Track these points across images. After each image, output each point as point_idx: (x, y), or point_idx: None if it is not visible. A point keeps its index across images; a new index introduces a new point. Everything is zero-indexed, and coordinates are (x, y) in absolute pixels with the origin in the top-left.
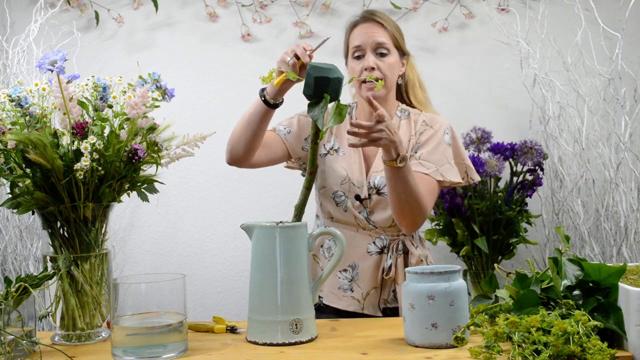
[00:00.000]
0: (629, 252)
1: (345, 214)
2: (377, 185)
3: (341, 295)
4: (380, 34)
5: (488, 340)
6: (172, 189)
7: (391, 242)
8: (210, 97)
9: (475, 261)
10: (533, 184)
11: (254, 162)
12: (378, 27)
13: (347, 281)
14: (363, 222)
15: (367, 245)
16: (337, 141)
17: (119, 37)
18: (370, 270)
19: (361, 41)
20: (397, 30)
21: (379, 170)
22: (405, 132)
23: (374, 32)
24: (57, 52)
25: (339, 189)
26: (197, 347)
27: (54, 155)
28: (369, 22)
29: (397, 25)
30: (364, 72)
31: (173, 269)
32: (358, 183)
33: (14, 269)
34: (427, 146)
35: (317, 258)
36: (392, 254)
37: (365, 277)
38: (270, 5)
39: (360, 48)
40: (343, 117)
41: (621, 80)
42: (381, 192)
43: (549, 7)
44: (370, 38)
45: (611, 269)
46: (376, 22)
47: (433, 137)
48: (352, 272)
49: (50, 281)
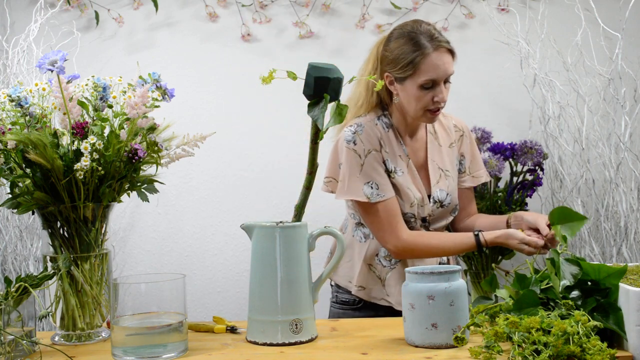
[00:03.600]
0: (629, 252)
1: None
2: (440, 198)
3: None
4: (451, 64)
5: (488, 340)
6: (172, 189)
7: None
8: (210, 97)
9: (475, 261)
10: (533, 184)
11: None
12: (449, 56)
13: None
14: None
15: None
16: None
17: (119, 37)
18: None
19: (437, 75)
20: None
21: (435, 184)
22: (445, 140)
23: (448, 64)
24: (57, 52)
25: (409, 211)
26: (197, 347)
27: (54, 155)
28: (445, 52)
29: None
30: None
31: (173, 269)
32: (420, 201)
33: (14, 269)
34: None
35: (373, 267)
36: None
37: None
38: (270, 5)
39: (435, 81)
40: (343, 117)
41: (621, 80)
42: (444, 204)
43: (549, 7)
44: (447, 71)
45: (611, 269)
46: (449, 51)
47: (471, 144)
48: None
49: (50, 281)
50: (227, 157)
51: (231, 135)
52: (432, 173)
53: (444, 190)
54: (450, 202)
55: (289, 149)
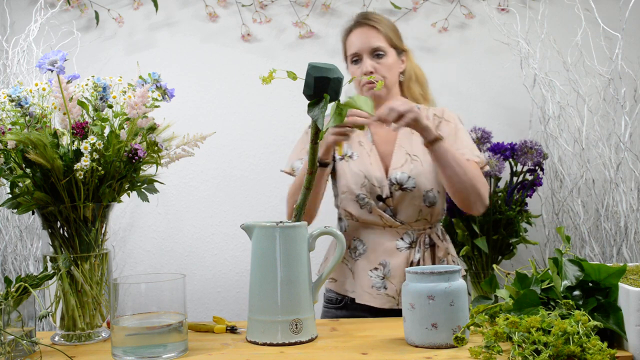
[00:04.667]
0: (629, 252)
1: (371, 215)
2: (399, 180)
3: (375, 294)
4: (375, 38)
5: (488, 340)
6: (172, 189)
7: (418, 236)
8: (210, 97)
9: (475, 261)
10: (533, 184)
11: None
12: (372, 31)
13: (379, 279)
14: (390, 221)
15: (395, 242)
16: (349, 147)
17: (119, 37)
18: (401, 266)
19: (357, 47)
20: (392, 30)
21: (399, 167)
22: None
23: (369, 37)
24: (57, 52)
25: (361, 192)
26: (197, 347)
27: (54, 155)
28: (364, 27)
29: (392, 24)
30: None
31: (173, 269)
32: (378, 183)
33: (14, 269)
34: (454, 137)
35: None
36: (420, 248)
37: (397, 273)
38: (270, 5)
39: (357, 54)
40: (343, 117)
41: (621, 80)
42: (404, 187)
43: (549, 7)
44: (366, 43)
45: (611, 269)
46: (370, 26)
47: (452, 128)
48: (383, 269)
49: (50, 281)
50: (227, 157)
51: (231, 135)
52: (397, 157)
53: (405, 173)
54: (415, 186)
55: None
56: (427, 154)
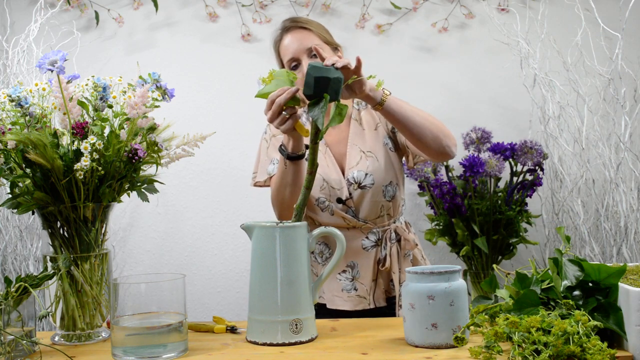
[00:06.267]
0: (629, 252)
1: (333, 217)
2: (357, 179)
3: (346, 297)
4: (308, 39)
5: (488, 340)
6: (172, 189)
7: (383, 233)
8: (210, 97)
9: (475, 261)
10: (533, 184)
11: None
12: (304, 32)
13: (348, 281)
14: (353, 221)
15: (361, 241)
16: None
17: (119, 37)
18: (370, 265)
19: (294, 51)
20: (322, 28)
21: (354, 165)
22: (370, 124)
23: (302, 39)
24: (57, 52)
25: (320, 195)
26: (197, 347)
27: (54, 155)
28: (295, 30)
29: (319, 22)
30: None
31: (173, 269)
32: (337, 184)
33: (14, 269)
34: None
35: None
36: (387, 245)
37: (366, 273)
38: (270, 5)
39: (294, 59)
40: (343, 117)
41: (621, 80)
42: (363, 185)
43: (549, 7)
44: (302, 45)
45: (611, 269)
46: (301, 28)
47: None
48: (352, 271)
49: (50, 281)
50: (227, 157)
51: (231, 135)
52: (351, 156)
53: (362, 171)
54: (373, 183)
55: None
56: (380, 149)
